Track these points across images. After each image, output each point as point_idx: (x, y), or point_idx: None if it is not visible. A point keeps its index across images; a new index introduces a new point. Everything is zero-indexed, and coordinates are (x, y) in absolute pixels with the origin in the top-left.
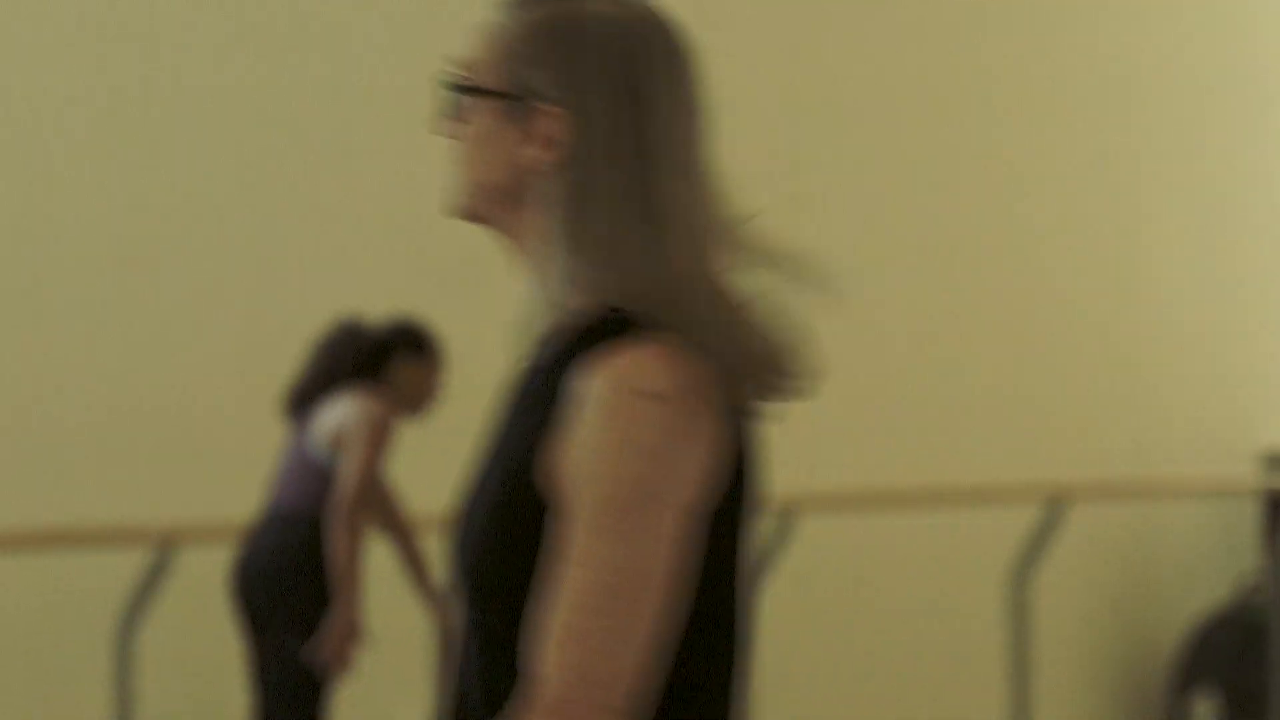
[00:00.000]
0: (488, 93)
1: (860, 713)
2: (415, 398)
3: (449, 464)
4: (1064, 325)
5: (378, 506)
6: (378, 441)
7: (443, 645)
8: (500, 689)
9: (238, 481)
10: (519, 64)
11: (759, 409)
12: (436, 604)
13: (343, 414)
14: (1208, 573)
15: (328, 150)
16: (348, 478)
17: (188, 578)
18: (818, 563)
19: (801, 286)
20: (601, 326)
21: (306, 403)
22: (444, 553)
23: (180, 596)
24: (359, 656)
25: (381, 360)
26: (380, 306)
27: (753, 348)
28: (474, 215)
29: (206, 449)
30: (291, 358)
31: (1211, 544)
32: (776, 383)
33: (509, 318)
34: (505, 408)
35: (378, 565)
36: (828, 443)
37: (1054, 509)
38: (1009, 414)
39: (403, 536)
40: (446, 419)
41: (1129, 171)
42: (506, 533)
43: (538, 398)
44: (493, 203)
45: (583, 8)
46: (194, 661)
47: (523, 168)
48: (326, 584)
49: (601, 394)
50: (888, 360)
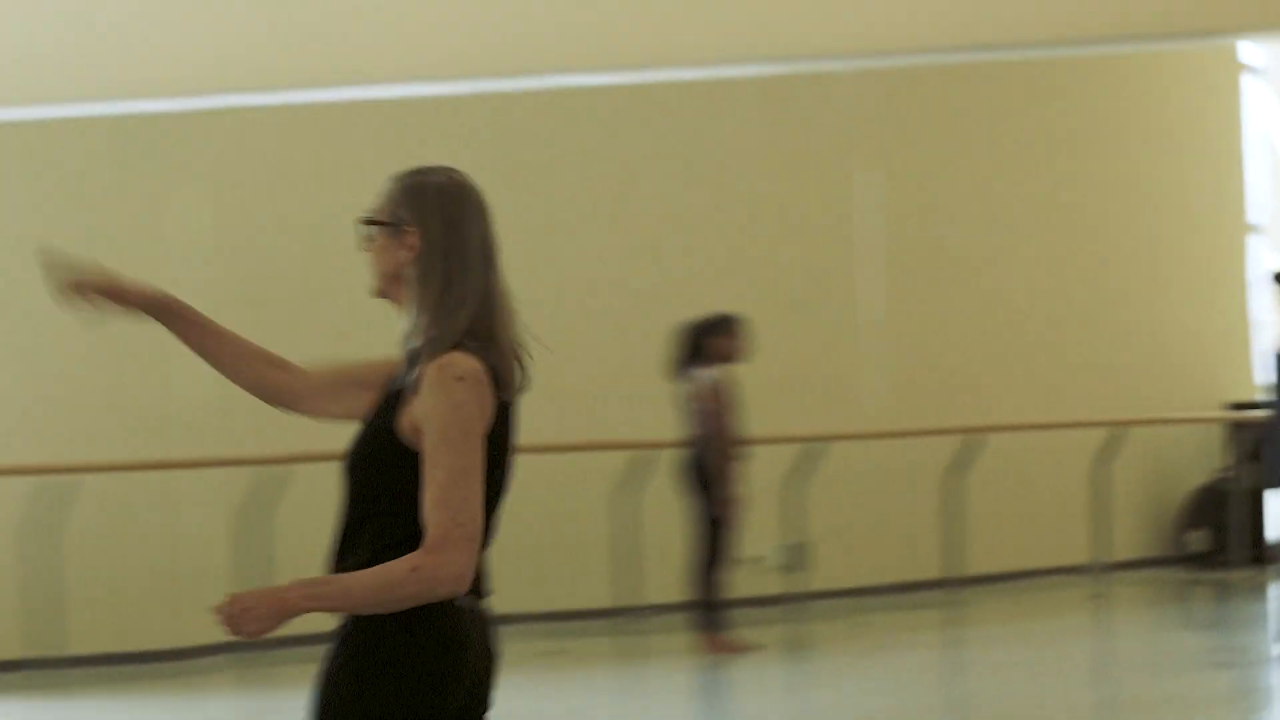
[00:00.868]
0: (382, 224)
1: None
2: (729, 357)
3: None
4: (1117, 309)
5: (724, 434)
6: (716, 395)
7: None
8: (374, 551)
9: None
10: (395, 206)
11: (511, 391)
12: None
13: (694, 380)
14: (1198, 464)
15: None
16: (709, 419)
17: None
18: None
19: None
20: (429, 347)
21: (680, 371)
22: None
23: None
24: (737, 514)
25: (707, 338)
26: (710, 307)
27: (507, 359)
28: (381, 293)
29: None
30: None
31: (1199, 449)
32: (518, 379)
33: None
34: (383, 392)
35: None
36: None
37: (1117, 431)
38: (1080, 366)
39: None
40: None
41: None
42: (376, 460)
43: (400, 387)
44: (388, 284)
45: (427, 177)
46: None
47: (399, 263)
48: (716, 474)
49: (432, 377)
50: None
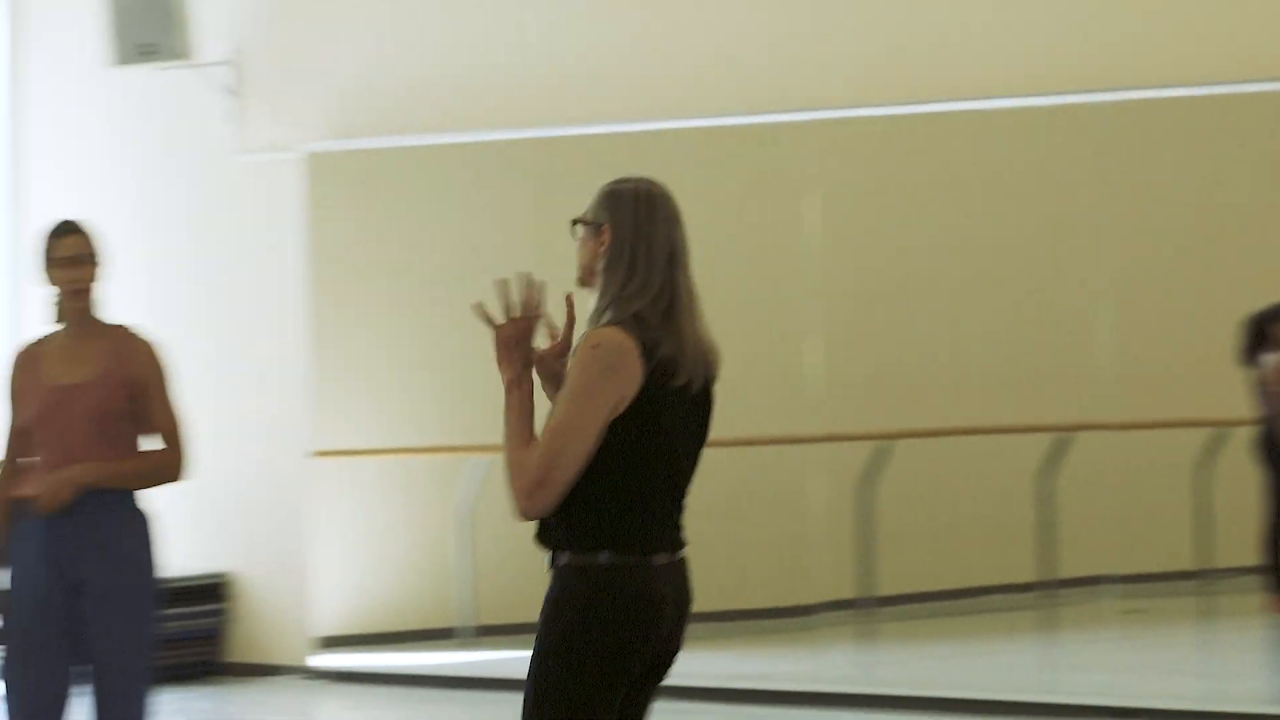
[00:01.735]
0: (586, 223)
1: None
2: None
3: None
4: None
5: None
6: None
7: None
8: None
9: None
10: (597, 209)
11: (673, 376)
12: None
13: (1262, 364)
14: None
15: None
16: (1276, 399)
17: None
18: None
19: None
20: (591, 324)
21: (1248, 357)
22: None
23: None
24: None
25: (1271, 325)
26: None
27: (677, 348)
28: (581, 283)
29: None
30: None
31: None
32: (700, 362)
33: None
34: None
35: None
36: None
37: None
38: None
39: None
40: None
41: None
42: None
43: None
44: (586, 275)
45: (625, 185)
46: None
47: (595, 258)
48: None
49: (579, 345)
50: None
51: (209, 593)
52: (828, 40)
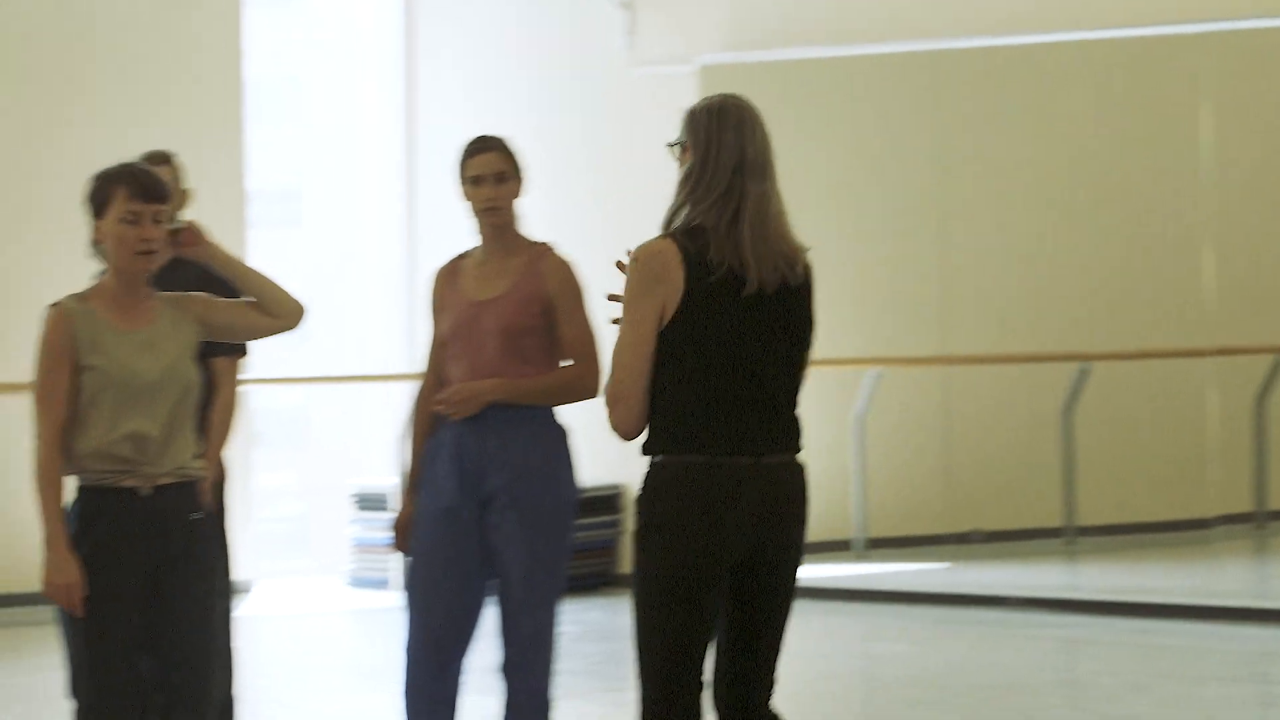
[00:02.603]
0: (678, 144)
1: None
2: None
3: None
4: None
5: None
6: None
7: None
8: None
9: None
10: (681, 131)
11: (749, 278)
12: None
13: None
14: None
15: None
16: None
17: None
18: None
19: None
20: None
21: None
22: None
23: None
24: None
25: None
26: None
27: (731, 253)
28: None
29: None
30: None
31: None
32: (773, 266)
33: None
34: None
35: None
36: None
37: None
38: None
39: None
40: None
41: None
42: None
43: None
44: (678, 185)
45: (704, 103)
46: None
47: (683, 166)
48: None
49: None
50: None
51: (605, 504)
52: None
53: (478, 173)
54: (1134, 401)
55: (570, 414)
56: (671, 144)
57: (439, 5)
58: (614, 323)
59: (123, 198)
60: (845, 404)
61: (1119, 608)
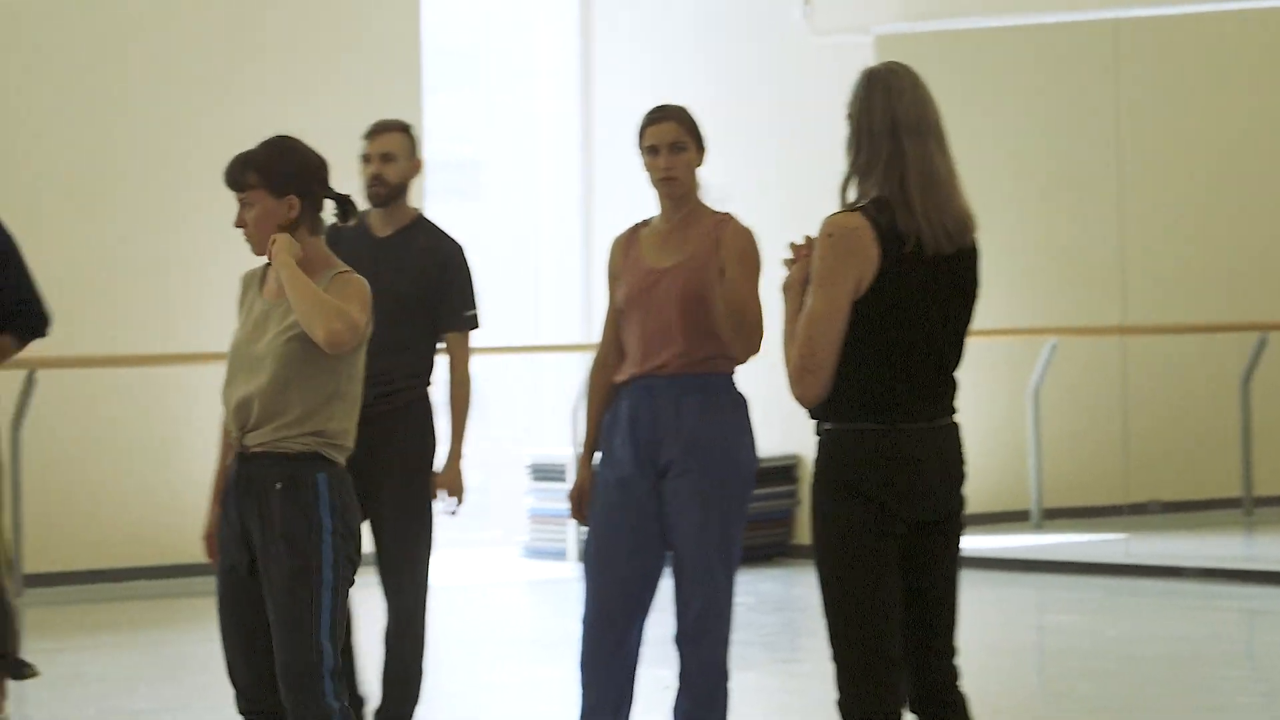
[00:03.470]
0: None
1: None
2: None
3: None
4: None
5: None
6: None
7: None
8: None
9: None
10: (851, 102)
11: (926, 243)
12: None
13: None
14: None
15: None
16: None
17: None
18: None
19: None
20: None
21: None
22: None
23: None
24: None
25: None
26: None
27: (918, 213)
28: None
29: None
30: None
31: None
32: (946, 230)
33: None
34: None
35: None
36: None
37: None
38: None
39: None
40: None
41: None
42: None
43: None
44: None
45: (861, 74)
46: None
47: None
48: None
49: (819, 233)
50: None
51: (781, 475)
52: None
53: (654, 142)
54: None
55: (748, 383)
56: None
57: None
58: (779, 290)
59: None
60: (1022, 374)
61: None
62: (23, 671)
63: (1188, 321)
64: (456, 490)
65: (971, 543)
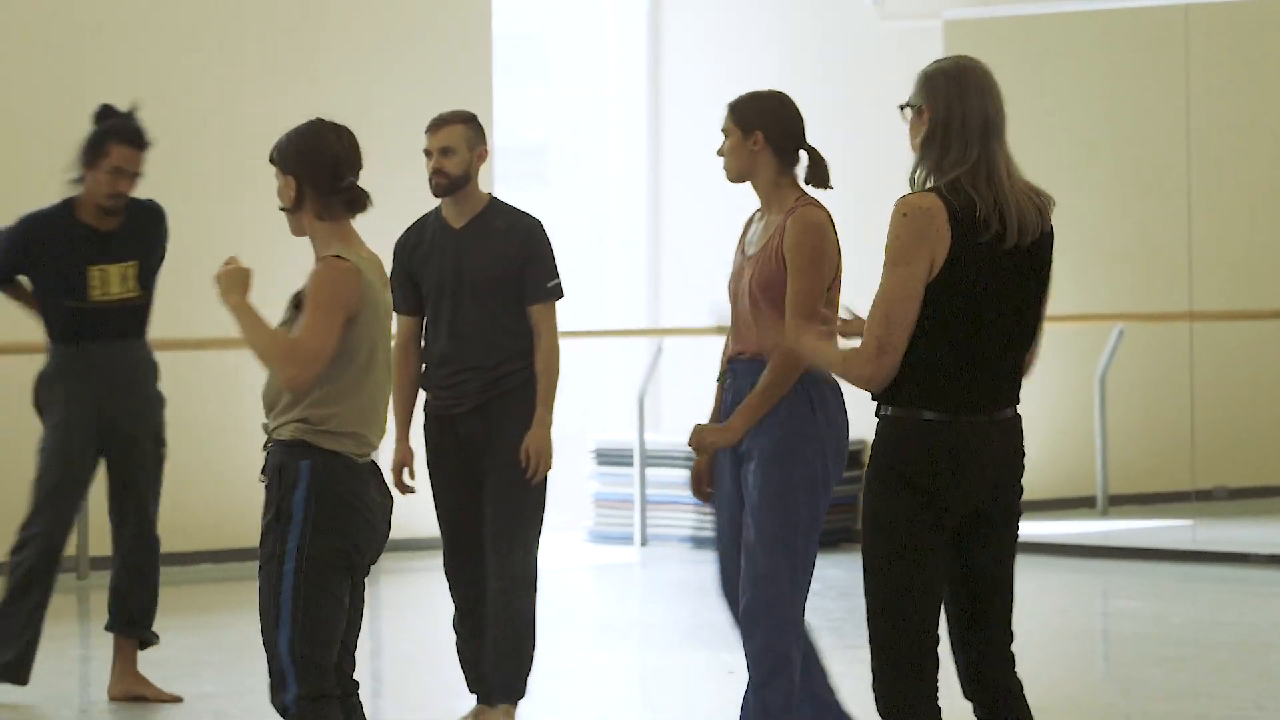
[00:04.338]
0: (912, 106)
1: None
2: None
3: None
4: None
5: None
6: None
7: None
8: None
9: None
10: (916, 92)
11: (1008, 233)
12: None
13: None
14: None
15: None
16: None
17: None
18: None
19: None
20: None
21: None
22: None
23: None
24: None
25: None
26: None
27: (1004, 205)
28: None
29: None
30: None
31: None
32: (1029, 220)
33: None
34: None
35: None
36: None
37: None
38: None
39: None
40: None
41: None
42: None
43: None
44: (914, 149)
45: (938, 65)
46: None
47: (918, 133)
48: None
49: (892, 213)
50: None
51: (849, 460)
52: None
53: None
54: None
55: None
56: (904, 106)
57: None
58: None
59: None
60: (1089, 360)
61: None
62: (149, 640)
63: (1255, 308)
64: (542, 455)
65: (1037, 529)
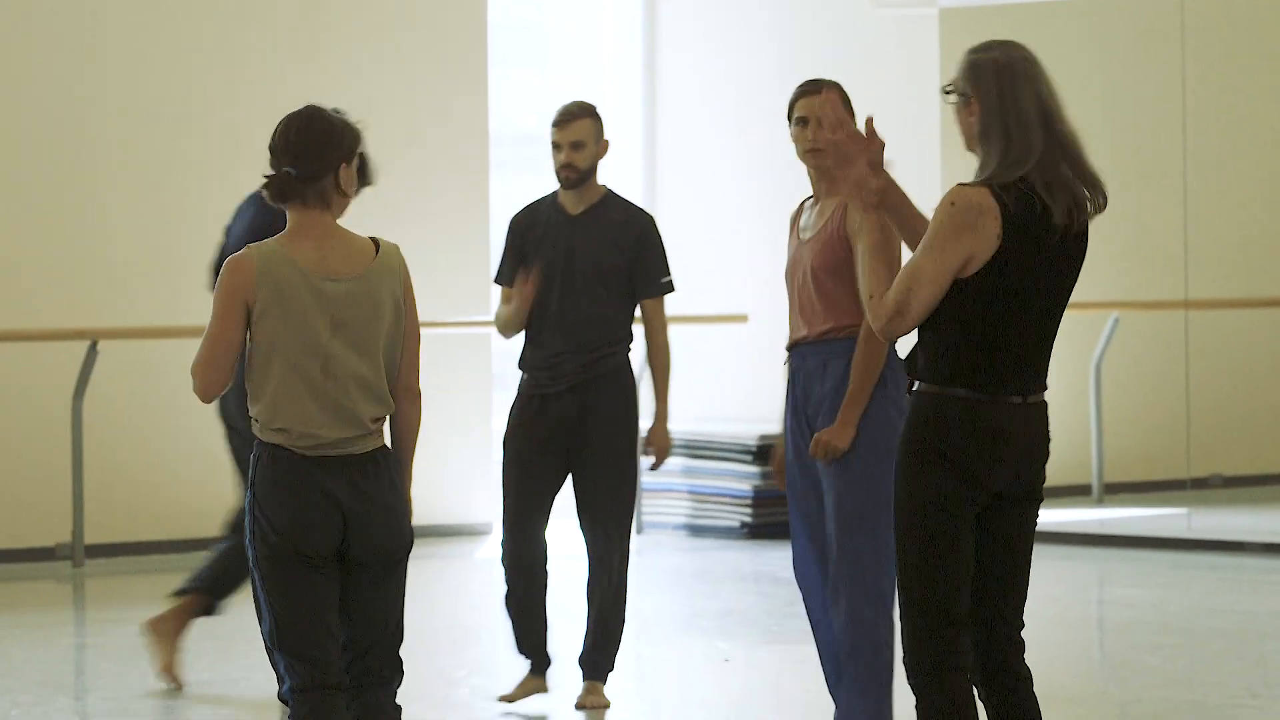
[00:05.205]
0: (958, 93)
1: None
2: None
3: None
4: None
5: None
6: None
7: None
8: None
9: None
10: (961, 81)
11: (1057, 219)
12: None
13: None
14: None
15: None
16: None
17: None
18: None
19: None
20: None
21: None
22: None
23: None
24: None
25: None
26: None
27: (1060, 190)
28: (969, 149)
29: None
30: None
31: None
32: (1079, 204)
33: None
34: None
35: None
36: None
37: None
38: None
39: None
40: None
41: None
42: None
43: None
44: (970, 145)
45: (984, 54)
46: None
47: (970, 128)
48: None
49: (943, 198)
50: None
51: None
52: None
53: (804, 114)
54: None
55: None
56: (948, 90)
57: None
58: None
59: None
60: (1085, 349)
61: None
62: (213, 609)
63: (1251, 296)
64: (664, 448)
65: None
